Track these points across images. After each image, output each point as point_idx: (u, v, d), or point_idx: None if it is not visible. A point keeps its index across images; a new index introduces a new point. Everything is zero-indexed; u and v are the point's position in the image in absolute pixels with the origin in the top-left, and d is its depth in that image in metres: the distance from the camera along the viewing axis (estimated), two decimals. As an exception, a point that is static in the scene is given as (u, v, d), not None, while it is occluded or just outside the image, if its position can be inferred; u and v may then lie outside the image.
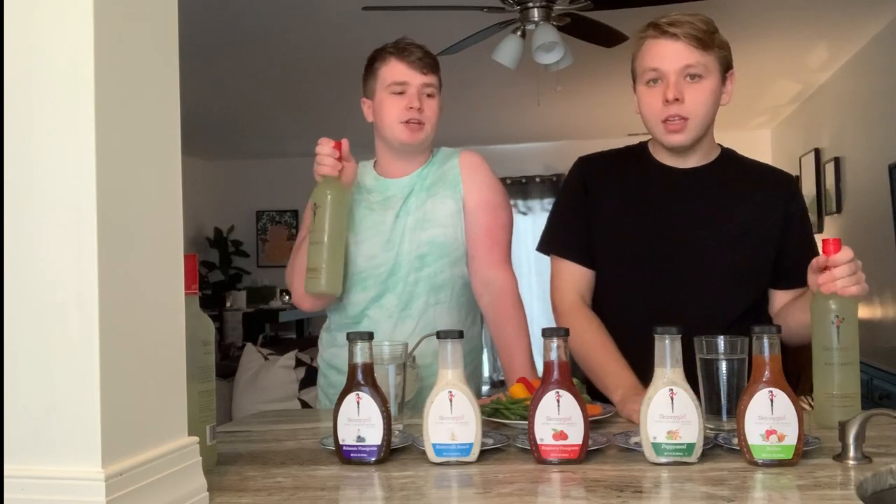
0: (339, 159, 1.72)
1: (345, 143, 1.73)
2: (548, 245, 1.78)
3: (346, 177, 1.75)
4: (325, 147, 1.72)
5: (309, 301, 1.87)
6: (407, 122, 1.82)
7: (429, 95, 1.85)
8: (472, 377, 1.90)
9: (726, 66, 1.63)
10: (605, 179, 1.74)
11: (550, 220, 1.81)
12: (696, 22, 1.56)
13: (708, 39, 1.57)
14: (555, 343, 1.17)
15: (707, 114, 1.60)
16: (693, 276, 1.64)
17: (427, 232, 1.84)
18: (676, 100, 1.56)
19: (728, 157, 1.72)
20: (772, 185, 1.70)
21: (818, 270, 1.40)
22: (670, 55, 1.56)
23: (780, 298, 1.69)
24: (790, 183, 1.73)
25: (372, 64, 1.89)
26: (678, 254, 1.64)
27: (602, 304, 1.72)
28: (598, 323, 1.65)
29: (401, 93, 1.83)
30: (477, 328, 1.96)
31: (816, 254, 1.60)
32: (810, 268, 1.42)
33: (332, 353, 1.94)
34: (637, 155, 1.75)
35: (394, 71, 1.84)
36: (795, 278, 1.64)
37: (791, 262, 1.65)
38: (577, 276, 1.71)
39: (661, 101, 1.57)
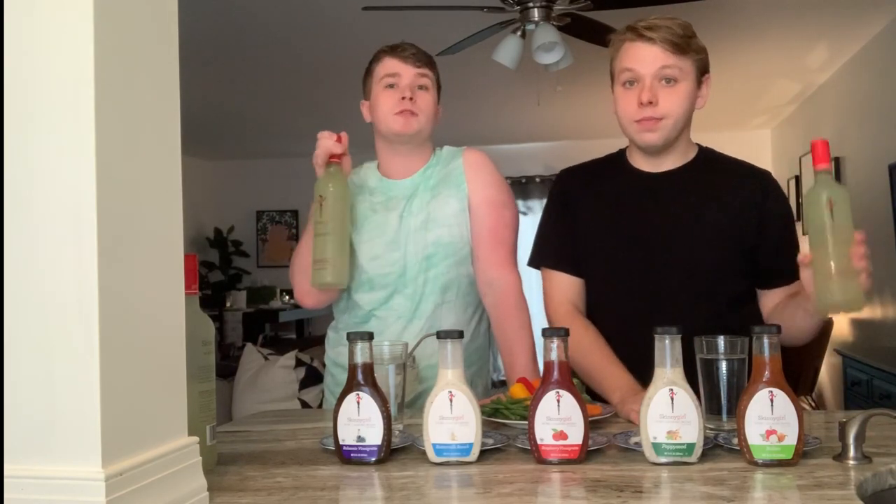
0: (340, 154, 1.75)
1: (344, 136, 1.76)
2: (537, 259, 1.81)
3: (344, 168, 1.78)
4: (325, 132, 1.75)
5: (311, 298, 1.89)
6: (400, 112, 1.83)
7: (422, 87, 1.86)
8: (480, 374, 1.90)
9: (702, 70, 1.65)
10: (584, 190, 1.78)
11: (537, 234, 1.84)
12: (673, 27, 1.59)
13: (684, 44, 1.59)
14: (555, 343, 1.17)
15: (680, 116, 1.62)
16: (670, 278, 1.64)
17: (432, 233, 1.84)
18: (650, 103, 1.59)
19: (705, 157, 1.73)
20: (747, 184, 1.70)
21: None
22: (646, 58, 1.59)
23: (769, 298, 1.68)
24: (766, 180, 1.72)
25: (369, 66, 1.92)
26: (654, 257, 1.66)
27: (588, 310, 1.74)
28: (594, 329, 1.67)
29: (393, 85, 1.85)
30: (484, 326, 1.95)
31: (797, 250, 1.60)
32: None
33: (338, 351, 1.94)
34: (615, 162, 1.78)
35: (386, 65, 1.86)
36: (779, 276, 1.65)
37: (772, 260, 1.66)
38: (568, 286, 1.74)
39: (636, 103, 1.60)
